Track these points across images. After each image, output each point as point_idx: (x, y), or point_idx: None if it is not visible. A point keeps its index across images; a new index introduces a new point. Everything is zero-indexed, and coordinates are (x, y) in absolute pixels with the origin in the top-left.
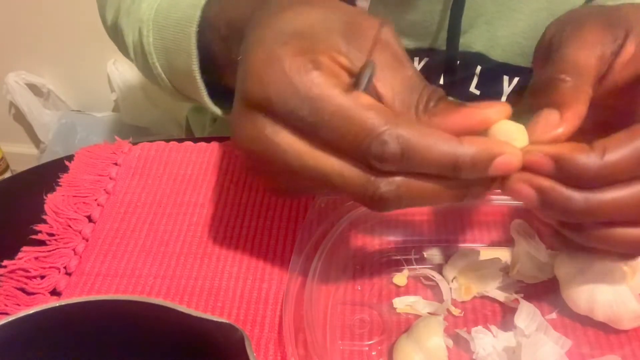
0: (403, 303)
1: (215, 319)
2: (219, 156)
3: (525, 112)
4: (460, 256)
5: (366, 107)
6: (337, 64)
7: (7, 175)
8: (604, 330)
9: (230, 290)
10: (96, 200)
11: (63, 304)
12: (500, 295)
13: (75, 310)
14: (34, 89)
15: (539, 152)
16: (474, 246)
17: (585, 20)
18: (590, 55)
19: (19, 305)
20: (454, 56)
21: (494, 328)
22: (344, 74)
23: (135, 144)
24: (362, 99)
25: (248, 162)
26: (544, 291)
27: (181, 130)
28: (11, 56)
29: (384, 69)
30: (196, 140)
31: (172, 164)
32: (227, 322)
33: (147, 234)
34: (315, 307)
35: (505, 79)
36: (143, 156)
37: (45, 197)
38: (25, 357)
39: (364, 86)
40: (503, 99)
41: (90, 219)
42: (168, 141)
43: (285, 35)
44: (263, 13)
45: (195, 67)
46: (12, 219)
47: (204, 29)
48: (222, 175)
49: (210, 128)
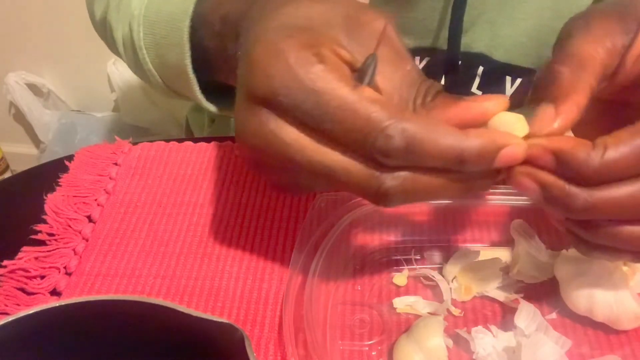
0: (403, 303)
1: (215, 319)
2: (219, 156)
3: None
4: (460, 256)
5: (371, 101)
6: (339, 58)
7: (7, 175)
8: (604, 331)
9: (230, 290)
10: (96, 200)
11: (63, 304)
12: (500, 295)
13: (75, 310)
14: (34, 89)
15: (540, 146)
16: (474, 246)
17: (596, 14)
18: (597, 47)
19: (19, 305)
20: (455, 56)
21: (494, 328)
22: (346, 68)
23: (135, 144)
24: (366, 92)
25: (252, 158)
26: (544, 291)
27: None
28: (11, 56)
29: (383, 63)
30: (196, 140)
31: (172, 164)
32: (227, 322)
33: (147, 234)
34: (315, 307)
35: (508, 79)
36: (143, 156)
37: (45, 197)
38: (25, 357)
39: (367, 79)
40: None
41: (90, 219)
42: (168, 141)
43: (288, 28)
44: (263, 8)
45: (188, 61)
46: (12, 219)
47: (196, 24)
48: (222, 175)
49: (209, 129)
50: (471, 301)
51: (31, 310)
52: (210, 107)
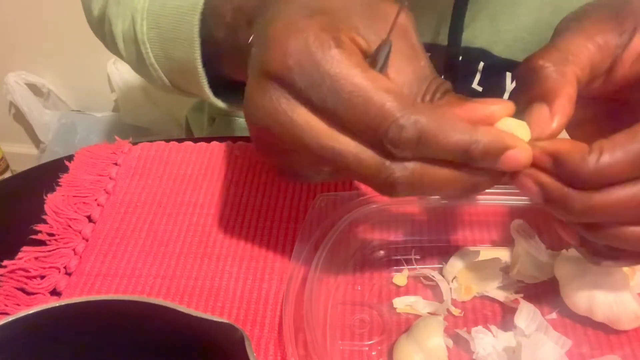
0: (403, 303)
1: (215, 319)
2: (219, 156)
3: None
4: (460, 256)
5: (385, 90)
6: (355, 45)
7: (7, 175)
8: (604, 331)
9: (230, 290)
10: (96, 200)
11: (63, 304)
12: (500, 295)
13: (75, 310)
14: (34, 89)
15: (539, 148)
16: (474, 246)
17: (590, 12)
18: (585, 43)
19: (19, 305)
20: (456, 52)
21: (494, 328)
22: (361, 55)
23: (135, 144)
24: (381, 81)
25: (259, 137)
26: (544, 291)
27: (181, 130)
28: (11, 56)
29: (397, 55)
30: (196, 140)
31: (172, 164)
32: (227, 322)
33: (147, 234)
34: (315, 307)
35: (508, 75)
36: (143, 156)
37: (45, 197)
38: (25, 356)
39: (380, 65)
40: (505, 96)
41: (90, 219)
42: (168, 141)
43: (310, 9)
44: None
45: (197, 55)
46: (12, 219)
47: (206, 16)
48: (222, 175)
49: (209, 129)
50: (471, 301)
51: (31, 310)
52: (218, 102)
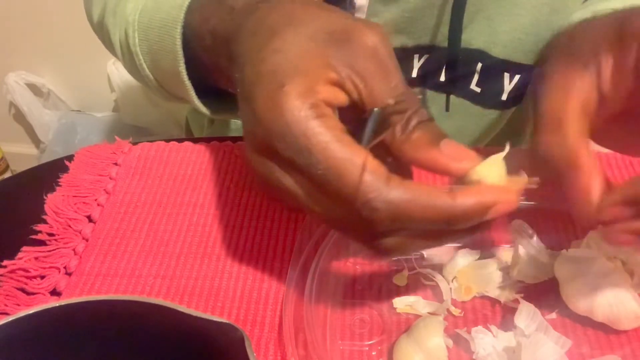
0: (403, 303)
1: (215, 319)
2: (219, 156)
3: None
4: (460, 256)
5: (359, 167)
6: (333, 89)
7: (7, 175)
8: (604, 331)
9: (230, 290)
10: (96, 200)
11: (63, 304)
12: (500, 295)
13: (75, 310)
14: (34, 89)
15: (611, 202)
16: (474, 246)
17: (554, 64)
18: (571, 102)
19: (19, 305)
20: (455, 53)
21: (494, 328)
22: (337, 122)
23: (135, 144)
24: (356, 157)
25: (264, 189)
26: (544, 291)
27: (181, 130)
28: (11, 56)
29: (368, 78)
30: (196, 140)
31: (172, 164)
32: (227, 322)
33: (147, 234)
34: (315, 307)
35: (506, 76)
36: (143, 156)
37: (45, 197)
38: (25, 357)
39: (367, 140)
40: (504, 96)
41: (90, 219)
42: (168, 141)
43: (282, 74)
44: (252, 34)
45: (182, 68)
46: (12, 219)
47: (188, 35)
48: (222, 176)
49: (209, 129)
50: (471, 301)
51: (31, 310)
52: (207, 111)
